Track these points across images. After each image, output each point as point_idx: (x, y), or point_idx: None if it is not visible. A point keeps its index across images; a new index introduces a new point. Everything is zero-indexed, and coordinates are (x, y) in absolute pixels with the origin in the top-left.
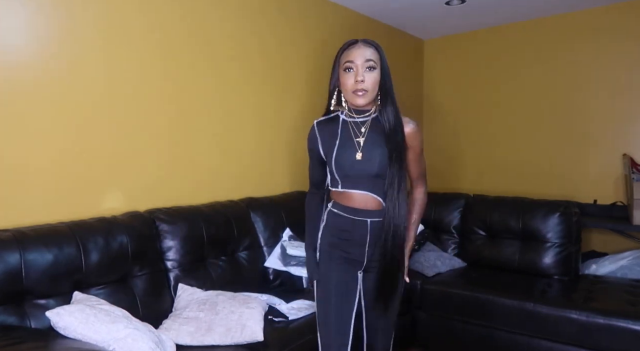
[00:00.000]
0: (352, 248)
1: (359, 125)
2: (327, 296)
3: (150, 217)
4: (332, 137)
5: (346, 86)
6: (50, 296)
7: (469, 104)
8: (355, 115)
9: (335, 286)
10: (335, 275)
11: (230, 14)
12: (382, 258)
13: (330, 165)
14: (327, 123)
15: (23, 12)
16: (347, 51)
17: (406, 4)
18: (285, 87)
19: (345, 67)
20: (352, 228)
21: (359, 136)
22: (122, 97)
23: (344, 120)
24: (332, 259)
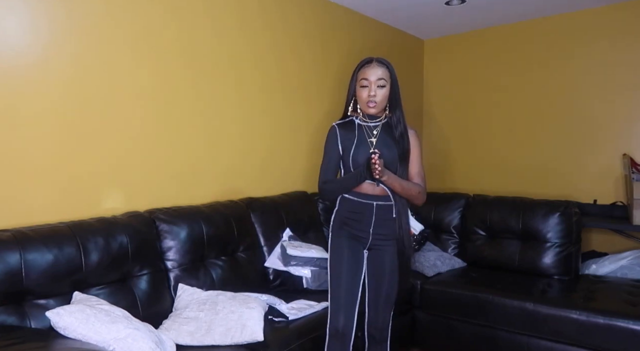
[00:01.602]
0: (360, 226)
1: (372, 129)
2: (338, 269)
3: (150, 217)
4: (349, 137)
5: (361, 98)
6: (50, 296)
7: (469, 104)
8: (368, 120)
9: (346, 260)
10: (346, 250)
11: (232, 15)
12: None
13: (348, 159)
14: (345, 126)
15: (23, 12)
16: (363, 69)
17: (406, 4)
18: (285, 88)
19: (361, 84)
20: (360, 209)
21: (371, 137)
22: (122, 97)
23: (359, 124)
24: (342, 236)
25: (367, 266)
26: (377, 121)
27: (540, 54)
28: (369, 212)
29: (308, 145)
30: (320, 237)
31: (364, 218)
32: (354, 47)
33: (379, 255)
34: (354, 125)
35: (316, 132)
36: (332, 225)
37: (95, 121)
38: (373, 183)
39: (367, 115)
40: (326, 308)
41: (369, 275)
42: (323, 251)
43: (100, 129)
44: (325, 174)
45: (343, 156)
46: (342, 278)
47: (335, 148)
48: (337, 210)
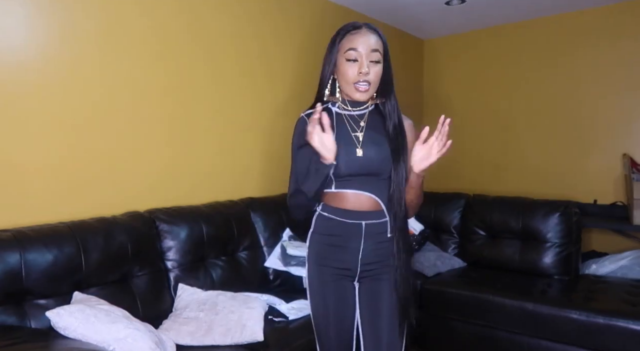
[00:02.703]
0: (344, 255)
1: (356, 119)
2: (324, 318)
3: (150, 217)
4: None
5: (347, 77)
6: (50, 296)
7: (469, 104)
8: (350, 107)
9: (333, 304)
10: (330, 291)
11: (231, 15)
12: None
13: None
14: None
15: (23, 12)
16: (350, 36)
17: (406, 4)
18: (285, 88)
19: (347, 56)
20: (344, 232)
21: (356, 131)
22: (122, 97)
23: (337, 113)
24: (324, 274)
25: (359, 303)
26: (362, 108)
27: (540, 54)
28: (356, 236)
29: None
30: None
31: (348, 245)
32: None
33: (372, 288)
34: (330, 115)
35: None
36: (309, 252)
37: (95, 121)
38: (360, 194)
39: (350, 101)
40: None
41: (362, 317)
42: None
43: (100, 129)
44: (294, 184)
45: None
46: (330, 327)
47: (306, 148)
48: (312, 231)
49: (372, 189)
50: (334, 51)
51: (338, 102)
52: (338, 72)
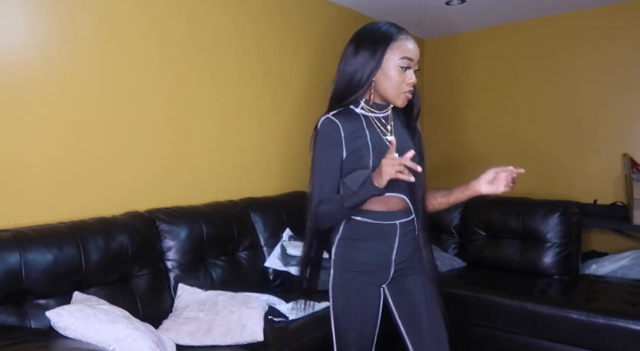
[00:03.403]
0: (377, 257)
1: (383, 122)
2: (345, 324)
3: (150, 217)
4: (357, 135)
5: (396, 84)
6: (50, 296)
7: (468, 104)
8: (376, 110)
9: (356, 310)
10: (355, 296)
11: (231, 15)
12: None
13: (363, 167)
14: (347, 118)
15: (23, 12)
16: (402, 43)
17: (406, 4)
18: (284, 88)
19: (401, 63)
20: (378, 234)
21: (386, 134)
22: (122, 97)
23: (364, 115)
24: (350, 279)
25: (394, 305)
26: (385, 111)
27: (540, 54)
28: (392, 236)
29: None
30: None
31: (383, 247)
32: None
33: (407, 286)
34: (358, 117)
35: None
36: (335, 258)
37: (95, 121)
38: (394, 196)
39: (375, 103)
40: (326, 308)
41: (401, 316)
42: None
43: (100, 129)
44: (320, 191)
45: (350, 162)
46: (351, 333)
47: (336, 151)
48: (340, 237)
49: (399, 189)
50: (377, 55)
51: (361, 104)
52: (383, 77)
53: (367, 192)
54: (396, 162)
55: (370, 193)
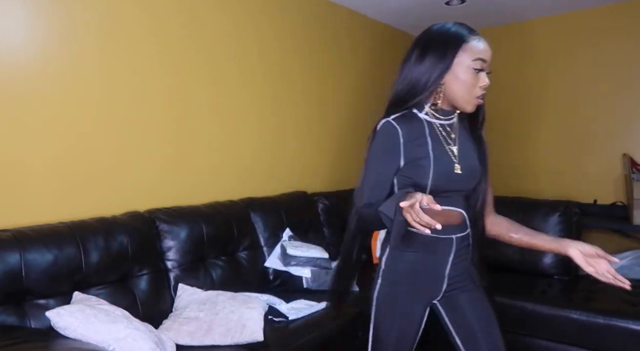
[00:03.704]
0: (431, 270)
1: (447, 130)
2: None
3: (150, 217)
4: (419, 143)
5: (469, 87)
6: (50, 296)
7: None
8: (441, 116)
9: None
10: (400, 310)
11: (231, 15)
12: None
13: (422, 178)
14: (409, 124)
15: (23, 12)
16: (476, 43)
17: (406, 4)
18: (285, 88)
19: (475, 65)
20: (434, 247)
21: (450, 143)
22: (122, 97)
23: (428, 121)
24: (398, 292)
25: (451, 325)
26: (450, 118)
27: (539, 54)
28: (447, 251)
29: (309, 145)
30: (320, 237)
31: (437, 260)
32: (354, 47)
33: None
34: (420, 123)
35: (316, 133)
36: (384, 268)
37: (95, 121)
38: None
39: (441, 109)
40: (326, 307)
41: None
42: (323, 251)
43: (100, 129)
44: (370, 194)
45: (408, 171)
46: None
47: (393, 158)
48: (391, 248)
49: (457, 203)
50: (447, 57)
51: (425, 108)
52: (453, 80)
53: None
54: (411, 213)
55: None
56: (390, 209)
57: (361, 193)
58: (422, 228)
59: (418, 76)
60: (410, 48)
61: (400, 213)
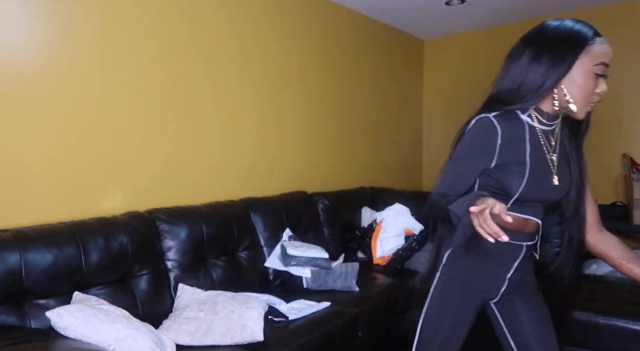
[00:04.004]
0: (493, 270)
1: (549, 137)
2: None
3: (150, 217)
4: (516, 147)
5: (588, 92)
6: (50, 296)
7: (468, 104)
8: (545, 121)
9: (450, 320)
10: (454, 306)
11: (231, 14)
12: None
13: (511, 184)
14: (508, 124)
15: (23, 12)
16: (601, 46)
17: (406, 4)
18: (285, 88)
19: (598, 70)
20: (503, 251)
21: (550, 151)
22: (122, 97)
23: (530, 125)
24: (456, 288)
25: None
26: (553, 124)
27: None
28: (515, 256)
29: (308, 146)
30: (320, 237)
31: (502, 263)
32: (354, 47)
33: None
34: (521, 126)
35: (316, 133)
36: (446, 263)
37: (95, 121)
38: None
39: (546, 114)
40: (326, 307)
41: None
42: (323, 251)
43: (100, 129)
44: (448, 186)
45: (497, 173)
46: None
47: (484, 157)
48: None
49: (537, 213)
50: (567, 58)
51: (529, 111)
52: (571, 84)
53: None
54: (478, 217)
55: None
56: (459, 209)
57: (440, 181)
58: (487, 235)
59: (531, 78)
60: (521, 45)
61: (468, 215)
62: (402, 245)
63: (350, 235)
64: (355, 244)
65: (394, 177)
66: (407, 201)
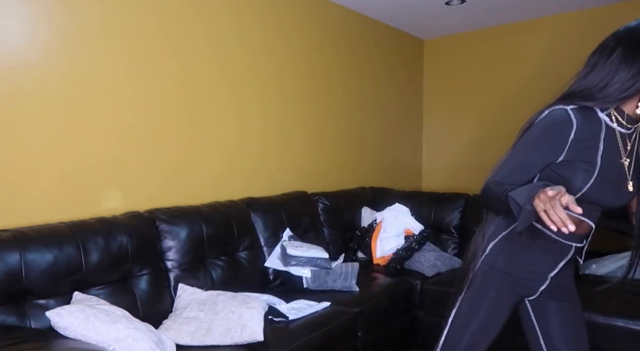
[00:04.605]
0: (537, 267)
1: (625, 140)
2: (468, 317)
3: (150, 217)
4: (589, 145)
5: None
6: (50, 296)
7: (468, 104)
8: (625, 123)
9: (485, 311)
10: (492, 298)
11: (237, 14)
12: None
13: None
14: (586, 120)
15: (24, 12)
16: None
17: (406, 4)
18: (285, 88)
19: None
20: (551, 249)
21: (624, 155)
22: (122, 97)
23: (608, 125)
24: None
25: (538, 323)
26: (632, 127)
27: (540, 54)
28: (562, 256)
29: (308, 146)
30: (320, 237)
31: (548, 261)
32: (354, 47)
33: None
34: (598, 124)
35: (316, 133)
36: (488, 253)
37: (95, 121)
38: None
39: (627, 116)
40: (326, 307)
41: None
42: (323, 251)
43: (100, 129)
44: (507, 174)
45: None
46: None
47: (553, 150)
48: (505, 236)
49: (594, 216)
50: None
51: (609, 111)
52: None
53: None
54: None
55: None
56: (521, 196)
57: (498, 168)
58: (550, 222)
59: (620, 78)
60: (612, 43)
61: (530, 203)
62: (402, 245)
63: (350, 235)
64: (355, 244)
65: (394, 177)
66: (407, 201)
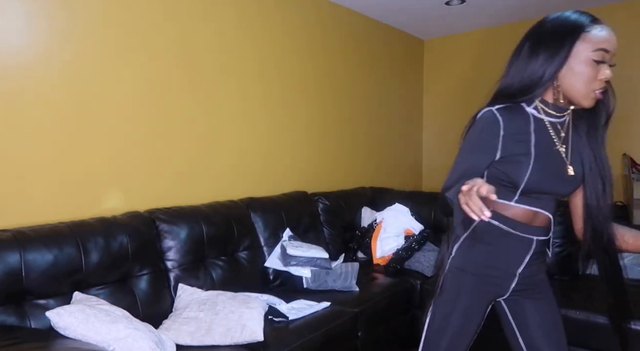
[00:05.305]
0: (503, 265)
1: (557, 128)
2: (444, 323)
3: (150, 217)
4: (520, 138)
5: (587, 81)
6: (50, 296)
7: (468, 104)
8: (552, 112)
9: (460, 313)
10: (462, 302)
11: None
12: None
13: (517, 176)
14: (512, 116)
15: (24, 12)
16: (598, 33)
17: (406, 4)
18: (286, 88)
19: (596, 56)
20: (511, 245)
21: (558, 142)
22: (122, 97)
23: (536, 117)
24: (466, 282)
25: (516, 328)
26: (562, 115)
27: None
28: (524, 250)
29: (308, 146)
30: (320, 237)
31: (511, 257)
32: (354, 47)
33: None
34: (526, 118)
35: (316, 133)
36: (454, 256)
37: (96, 121)
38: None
39: (553, 105)
40: (326, 307)
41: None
42: (323, 251)
43: (100, 129)
44: (455, 180)
45: (503, 165)
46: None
47: (488, 150)
48: (466, 237)
49: (547, 206)
50: (564, 48)
51: (536, 103)
52: (569, 73)
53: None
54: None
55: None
56: (454, 194)
57: (448, 177)
58: (472, 213)
59: (532, 71)
60: (522, 41)
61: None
62: (402, 245)
63: (350, 235)
64: (355, 244)
65: (393, 177)
66: (407, 201)
